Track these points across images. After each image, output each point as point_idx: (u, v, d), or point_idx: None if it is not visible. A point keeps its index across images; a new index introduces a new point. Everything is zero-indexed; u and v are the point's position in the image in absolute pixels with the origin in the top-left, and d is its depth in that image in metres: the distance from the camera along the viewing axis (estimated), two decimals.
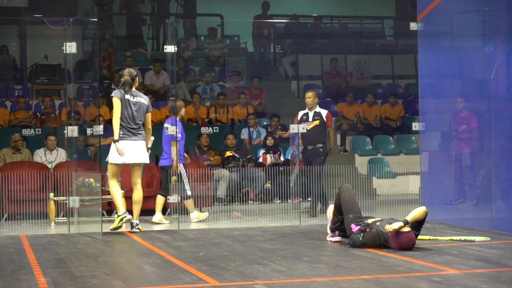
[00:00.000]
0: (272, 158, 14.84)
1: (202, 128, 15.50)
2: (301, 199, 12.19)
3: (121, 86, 10.46)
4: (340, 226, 8.90)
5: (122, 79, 10.47)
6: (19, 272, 7.33)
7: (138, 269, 7.55)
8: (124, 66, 17.19)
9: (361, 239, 8.43)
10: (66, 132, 10.75)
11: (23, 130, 15.02)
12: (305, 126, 12.26)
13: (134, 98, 10.43)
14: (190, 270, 7.27)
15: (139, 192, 10.52)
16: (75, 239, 9.78)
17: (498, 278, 6.77)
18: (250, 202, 13.58)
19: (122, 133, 10.32)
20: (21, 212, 12.01)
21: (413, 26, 11.54)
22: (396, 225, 8.20)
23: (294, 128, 12.14)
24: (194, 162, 13.29)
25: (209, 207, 12.48)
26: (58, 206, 11.94)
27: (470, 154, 11.24)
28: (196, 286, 6.60)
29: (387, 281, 6.65)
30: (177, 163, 11.52)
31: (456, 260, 7.69)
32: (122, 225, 10.17)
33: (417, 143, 15.51)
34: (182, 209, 11.50)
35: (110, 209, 12.37)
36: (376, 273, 7.02)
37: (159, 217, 11.66)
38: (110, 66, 17.82)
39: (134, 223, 10.49)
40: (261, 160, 14.89)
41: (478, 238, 9.11)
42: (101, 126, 10.52)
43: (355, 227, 8.58)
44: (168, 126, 11.64)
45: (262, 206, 13.17)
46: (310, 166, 12.01)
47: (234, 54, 19.47)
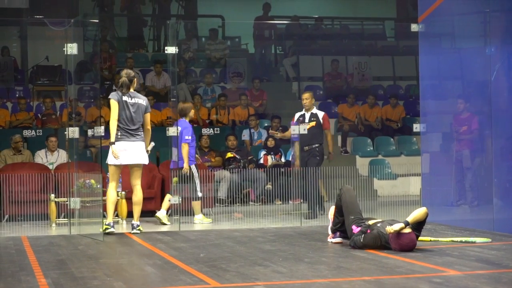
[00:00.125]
0: (273, 159, 14.84)
1: (203, 129, 15.50)
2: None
3: (119, 87, 10.45)
4: (341, 228, 8.91)
5: (120, 81, 10.46)
6: (20, 273, 7.33)
7: (139, 270, 7.55)
8: (125, 67, 17.21)
9: (362, 240, 8.43)
10: (67, 133, 10.75)
11: (24, 131, 15.02)
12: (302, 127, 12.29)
13: (132, 99, 10.42)
14: (191, 271, 7.28)
15: (139, 193, 10.52)
16: (76, 240, 9.78)
17: (499, 279, 6.77)
18: (251, 203, 13.57)
19: (120, 134, 10.32)
20: (22, 213, 12.01)
21: (414, 27, 11.54)
22: (397, 226, 8.20)
23: (295, 129, 12.14)
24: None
25: (210, 208, 12.47)
26: (59, 207, 11.94)
27: (470, 155, 11.25)
28: (197, 287, 6.60)
29: (388, 282, 6.65)
30: (188, 166, 11.55)
31: (457, 261, 7.69)
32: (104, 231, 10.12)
33: (418, 144, 15.51)
34: (183, 210, 11.50)
35: None
36: (377, 274, 7.02)
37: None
38: (111, 67, 17.82)
39: (135, 224, 10.50)
40: (262, 161, 14.89)
41: (479, 240, 9.11)
42: (102, 127, 10.52)
43: (356, 228, 8.58)
44: (178, 128, 11.67)
45: (263, 207, 13.17)
46: (306, 167, 11.97)
47: (235, 55, 19.47)
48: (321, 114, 12.49)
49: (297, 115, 12.63)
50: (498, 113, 10.16)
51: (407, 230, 8.21)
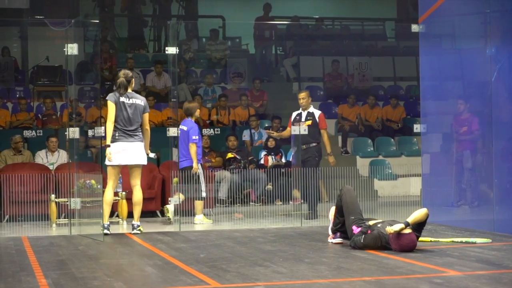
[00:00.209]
0: (273, 159, 14.84)
1: (203, 129, 15.50)
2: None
3: (116, 88, 10.44)
4: (341, 228, 8.90)
5: (117, 81, 10.46)
6: (20, 273, 7.33)
7: (139, 270, 7.55)
8: (125, 67, 17.22)
9: (362, 241, 8.42)
10: (67, 133, 10.75)
11: (24, 131, 15.03)
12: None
13: (129, 100, 10.41)
14: (191, 271, 7.28)
15: (139, 193, 10.51)
16: (76, 241, 9.78)
17: (499, 280, 6.77)
18: (251, 203, 13.57)
19: (118, 135, 10.32)
20: (22, 213, 12.01)
21: (414, 28, 11.54)
22: (397, 226, 8.20)
23: (295, 129, 12.13)
24: None
25: (210, 209, 12.47)
26: (59, 207, 11.95)
27: (471, 156, 11.24)
28: (197, 287, 6.60)
29: (388, 282, 6.65)
30: (197, 165, 11.59)
31: (457, 262, 7.69)
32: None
33: (418, 145, 15.51)
34: (183, 211, 11.50)
35: (112, 210, 12.34)
36: (377, 274, 7.02)
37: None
38: (111, 68, 17.83)
39: (135, 225, 10.49)
40: (262, 161, 14.89)
41: (479, 240, 9.10)
42: (102, 128, 10.50)
43: (357, 229, 8.57)
44: (183, 127, 11.70)
45: (263, 208, 13.17)
46: (304, 167, 11.95)
47: (235, 55, 19.47)
48: (317, 113, 12.48)
49: (294, 114, 12.64)
50: (498, 113, 10.16)
51: (407, 231, 8.21)
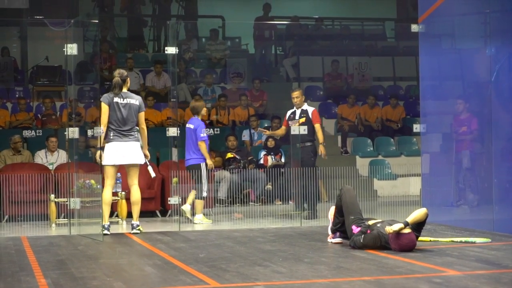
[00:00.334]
0: (273, 159, 14.84)
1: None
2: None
3: (112, 88, 10.43)
4: (341, 228, 8.90)
5: (113, 81, 10.44)
6: (20, 273, 7.33)
7: (138, 270, 7.55)
8: (125, 67, 17.22)
9: (362, 241, 8.42)
10: (67, 133, 10.75)
11: (24, 131, 15.02)
12: (291, 124, 12.29)
13: (123, 100, 10.40)
14: (191, 271, 7.27)
15: (137, 192, 10.51)
16: (76, 241, 9.78)
17: (498, 279, 6.77)
18: (251, 203, 13.57)
19: (112, 135, 10.32)
20: (21, 213, 12.00)
21: (414, 27, 11.54)
22: (396, 226, 8.20)
23: (295, 130, 12.12)
24: None
25: (210, 209, 12.47)
26: (59, 207, 11.94)
27: (470, 156, 11.24)
28: (196, 287, 6.60)
29: (388, 282, 6.65)
30: (211, 161, 11.81)
31: (456, 261, 7.69)
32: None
33: (418, 145, 15.51)
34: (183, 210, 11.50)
35: (111, 210, 12.33)
36: (376, 274, 7.02)
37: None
38: (111, 68, 17.81)
39: (135, 224, 10.49)
40: (262, 161, 14.89)
41: (478, 240, 9.10)
42: (102, 128, 10.51)
43: (356, 229, 8.57)
44: (190, 126, 11.75)
45: (263, 208, 13.17)
46: (301, 167, 11.93)
47: (235, 55, 19.48)
48: (310, 110, 12.48)
49: (288, 113, 12.66)
50: (498, 113, 10.15)
51: (407, 231, 8.21)
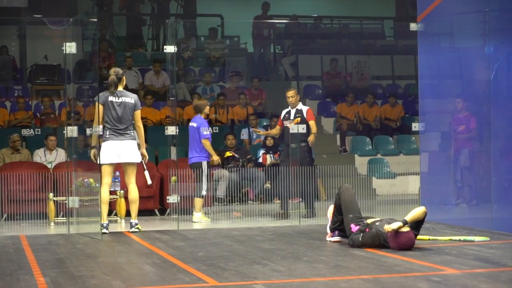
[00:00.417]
0: (271, 158, 14.84)
1: None
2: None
3: (107, 86, 10.42)
4: (339, 226, 8.91)
5: (108, 79, 10.44)
6: (19, 272, 7.33)
7: (137, 269, 7.55)
8: (124, 66, 17.23)
9: (360, 239, 8.43)
10: (65, 132, 10.75)
11: (23, 130, 15.01)
12: (287, 124, 12.29)
13: (118, 99, 10.39)
14: (190, 270, 7.28)
15: (134, 191, 10.51)
16: (75, 239, 9.78)
17: (497, 278, 6.78)
18: (249, 202, 13.57)
19: (108, 134, 10.33)
20: (20, 212, 11.98)
21: (413, 26, 11.54)
22: (395, 225, 8.20)
23: (293, 128, 12.12)
24: None
25: (208, 207, 12.47)
26: (58, 206, 11.94)
27: (469, 155, 11.24)
28: (195, 286, 6.60)
29: (387, 281, 6.65)
30: (217, 157, 11.93)
31: (455, 260, 7.69)
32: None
33: (416, 144, 15.51)
34: (182, 209, 11.49)
35: (110, 209, 12.34)
36: (375, 273, 7.02)
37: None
38: (110, 67, 17.75)
39: (133, 223, 10.49)
40: (260, 160, 14.89)
41: (477, 238, 9.11)
42: (100, 127, 10.50)
43: (355, 227, 8.58)
44: (193, 124, 11.78)
45: (261, 206, 13.17)
46: (301, 166, 11.92)
47: (234, 54, 19.48)
48: (305, 109, 12.48)
49: (283, 112, 12.66)
50: (497, 112, 10.15)
51: (406, 229, 8.21)
